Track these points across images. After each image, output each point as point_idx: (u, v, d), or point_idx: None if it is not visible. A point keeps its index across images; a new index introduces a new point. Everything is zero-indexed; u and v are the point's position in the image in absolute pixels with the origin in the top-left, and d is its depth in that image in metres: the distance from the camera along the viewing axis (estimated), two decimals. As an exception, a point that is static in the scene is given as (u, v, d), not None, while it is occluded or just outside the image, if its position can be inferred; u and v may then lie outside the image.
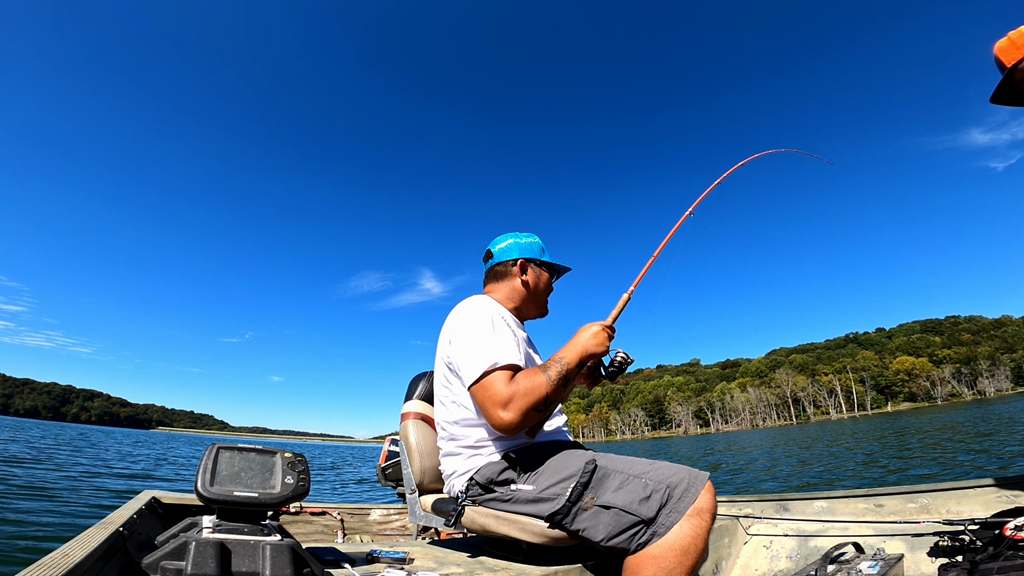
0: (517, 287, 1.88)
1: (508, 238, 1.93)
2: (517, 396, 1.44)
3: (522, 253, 1.89)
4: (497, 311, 1.69)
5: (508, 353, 1.53)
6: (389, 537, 3.33)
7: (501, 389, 1.46)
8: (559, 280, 2.03)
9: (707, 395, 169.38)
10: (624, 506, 1.34)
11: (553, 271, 1.97)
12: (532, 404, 1.44)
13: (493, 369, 1.49)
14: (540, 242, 1.96)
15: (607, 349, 1.60)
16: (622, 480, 1.40)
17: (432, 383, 2.08)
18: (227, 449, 1.26)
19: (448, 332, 1.71)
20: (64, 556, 1.06)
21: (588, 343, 1.56)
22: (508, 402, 1.44)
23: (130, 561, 1.36)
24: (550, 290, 1.97)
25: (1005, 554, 1.57)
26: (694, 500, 1.31)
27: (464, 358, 1.57)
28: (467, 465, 1.63)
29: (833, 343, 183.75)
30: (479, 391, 1.50)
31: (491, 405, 1.46)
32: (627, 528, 1.33)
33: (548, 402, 1.47)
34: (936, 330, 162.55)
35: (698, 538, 1.28)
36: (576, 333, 1.61)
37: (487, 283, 1.95)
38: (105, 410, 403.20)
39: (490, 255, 1.93)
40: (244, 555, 1.11)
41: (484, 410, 1.50)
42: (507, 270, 1.89)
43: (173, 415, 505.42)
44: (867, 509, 2.16)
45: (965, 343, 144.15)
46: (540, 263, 1.92)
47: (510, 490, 1.52)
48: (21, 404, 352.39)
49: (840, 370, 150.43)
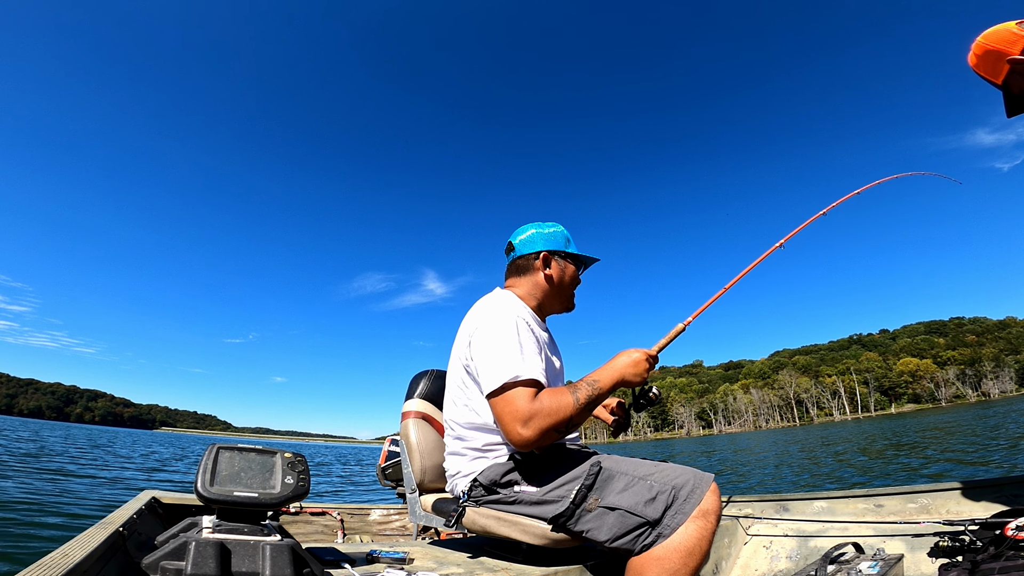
0: (540, 282, 1.77)
1: (530, 228, 1.81)
2: (539, 415, 1.38)
3: (545, 245, 1.78)
4: (521, 313, 1.61)
5: (532, 367, 1.45)
6: (389, 537, 3.33)
7: (522, 405, 1.39)
8: (587, 272, 1.91)
9: (710, 396, 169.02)
10: (629, 508, 1.33)
11: (579, 263, 1.85)
12: (553, 424, 1.39)
13: (515, 383, 1.42)
14: (565, 232, 1.84)
15: (645, 381, 1.53)
16: (627, 482, 1.39)
17: (433, 382, 2.10)
18: (227, 449, 1.26)
19: (468, 332, 1.62)
20: (64, 556, 1.06)
21: (626, 370, 1.49)
22: (529, 419, 1.38)
23: (130, 561, 1.36)
24: (576, 283, 1.85)
25: (1007, 554, 1.57)
26: (699, 502, 1.31)
27: (485, 365, 1.49)
28: (471, 467, 1.61)
29: (837, 344, 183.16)
30: (499, 403, 1.44)
31: (510, 420, 1.40)
32: (632, 529, 1.32)
33: (570, 424, 1.42)
34: (940, 331, 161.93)
35: (703, 540, 1.28)
36: (615, 357, 1.54)
37: (508, 277, 1.84)
38: (109, 410, 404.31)
39: (511, 248, 1.82)
40: (244, 555, 1.11)
41: (502, 423, 1.44)
42: (529, 264, 1.77)
43: (176, 415, 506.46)
44: (867, 509, 2.15)
45: (969, 344, 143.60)
46: (565, 255, 1.80)
47: (513, 492, 1.51)
48: (25, 404, 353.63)
49: (844, 372, 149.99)
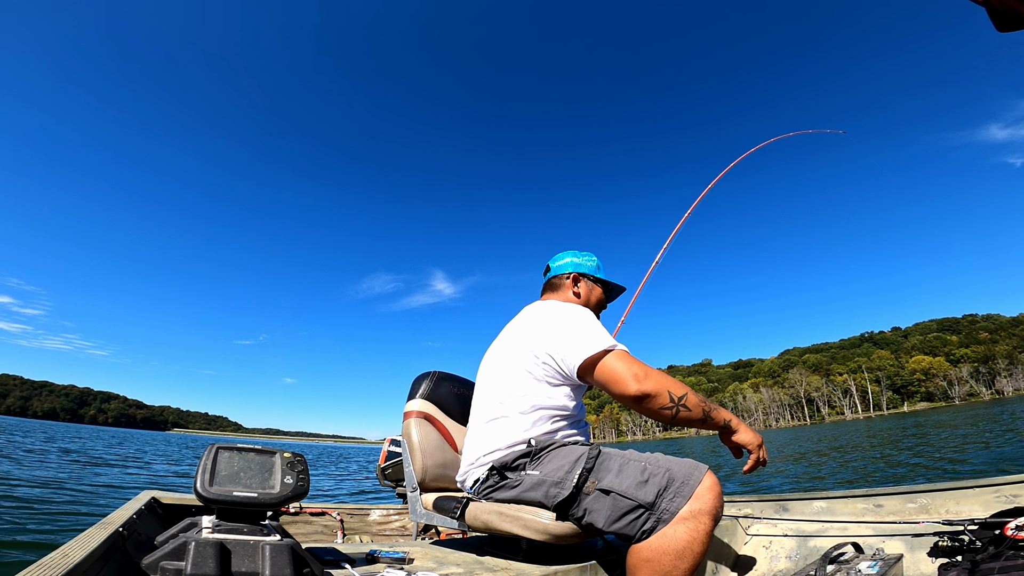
0: (570, 298, 1.95)
1: (566, 256, 2.03)
2: (653, 375, 1.48)
3: (576, 268, 1.99)
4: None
5: (623, 346, 1.57)
6: (389, 537, 3.34)
7: (635, 363, 1.50)
8: (615, 301, 2.14)
9: (719, 395, 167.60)
10: (622, 490, 1.35)
11: (608, 288, 2.05)
12: (666, 388, 1.46)
13: (614, 348, 1.54)
14: (597, 260, 2.05)
15: (752, 451, 1.55)
16: (621, 464, 1.43)
17: (435, 384, 2.15)
18: (226, 449, 1.26)
19: (538, 320, 1.73)
20: (64, 556, 1.05)
21: (749, 432, 1.54)
22: (645, 376, 1.47)
23: (130, 561, 1.35)
24: (602, 306, 2.05)
25: (1006, 554, 1.56)
26: (695, 488, 1.31)
27: (580, 338, 1.57)
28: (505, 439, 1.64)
29: (848, 342, 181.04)
30: (605, 364, 1.52)
31: (623, 375, 1.48)
32: (626, 513, 1.33)
33: (680, 406, 1.47)
34: (953, 329, 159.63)
35: (695, 542, 1.26)
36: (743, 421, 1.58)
37: (543, 294, 2.04)
38: (122, 412, 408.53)
39: (548, 270, 2.05)
40: (244, 555, 1.11)
41: (613, 380, 1.50)
42: (561, 282, 1.99)
43: (188, 417, 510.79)
44: (866, 509, 2.14)
45: (983, 342, 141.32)
46: (594, 279, 2.00)
47: (519, 476, 1.56)
48: (40, 406, 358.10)
49: (855, 370, 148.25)
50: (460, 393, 2.21)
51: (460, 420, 2.17)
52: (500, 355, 1.78)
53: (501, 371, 1.73)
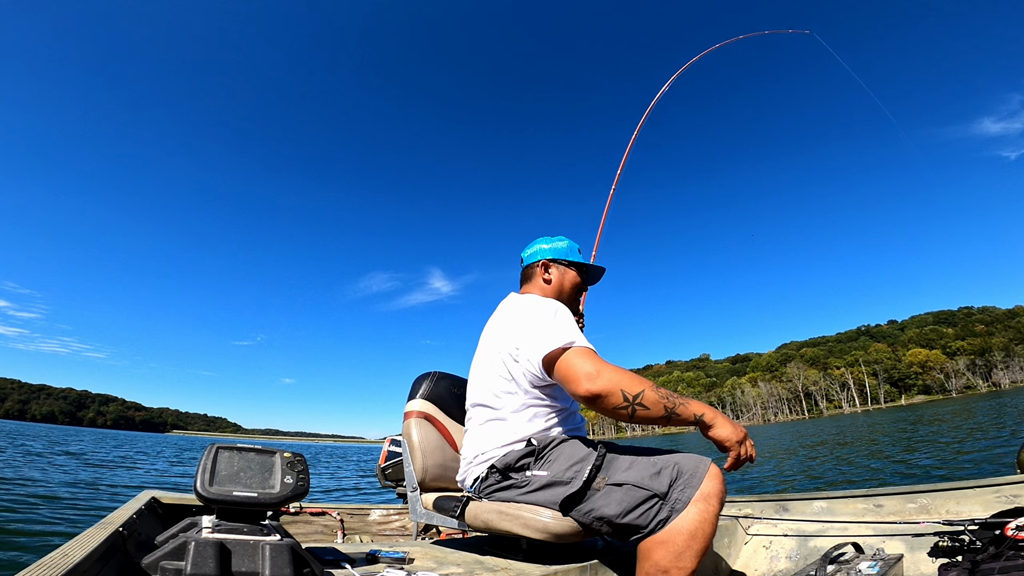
0: (542, 287, 1.90)
1: (537, 243, 1.97)
2: (606, 372, 1.39)
3: (546, 254, 1.92)
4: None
5: (585, 340, 1.50)
6: (389, 537, 3.33)
7: (589, 360, 1.43)
8: (598, 284, 2.06)
9: (717, 390, 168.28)
10: (636, 481, 1.38)
11: (583, 270, 1.95)
12: (620, 386, 1.37)
13: (573, 345, 1.47)
14: (569, 242, 1.97)
15: (731, 447, 1.40)
16: (632, 460, 1.45)
17: (435, 384, 2.14)
18: (226, 449, 1.26)
19: (507, 318, 1.71)
20: (64, 556, 1.05)
21: (727, 426, 1.40)
22: (597, 375, 1.39)
23: (130, 561, 1.35)
24: (578, 289, 1.94)
25: (1007, 554, 1.56)
26: (703, 478, 1.35)
27: (542, 332, 1.52)
28: (502, 439, 1.62)
29: (845, 336, 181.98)
30: (563, 362, 1.46)
31: (577, 375, 1.42)
32: (641, 503, 1.36)
33: (636, 404, 1.37)
34: (949, 321, 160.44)
35: (705, 522, 1.31)
36: (723, 414, 1.45)
37: (521, 286, 1.98)
38: (120, 414, 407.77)
39: (522, 261, 1.99)
40: (244, 555, 1.11)
41: (569, 378, 1.44)
42: (533, 271, 1.93)
43: (187, 418, 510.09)
44: (866, 509, 2.14)
45: (979, 334, 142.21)
46: (567, 263, 1.92)
47: (525, 476, 1.55)
48: (38, 409, 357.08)
49: (852, 363, 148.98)
50: (460, 393, 2.20)
51: (460, 420, 2.16)
52: (484, 355, 1.77)
53: (487, 371, 1.72)
